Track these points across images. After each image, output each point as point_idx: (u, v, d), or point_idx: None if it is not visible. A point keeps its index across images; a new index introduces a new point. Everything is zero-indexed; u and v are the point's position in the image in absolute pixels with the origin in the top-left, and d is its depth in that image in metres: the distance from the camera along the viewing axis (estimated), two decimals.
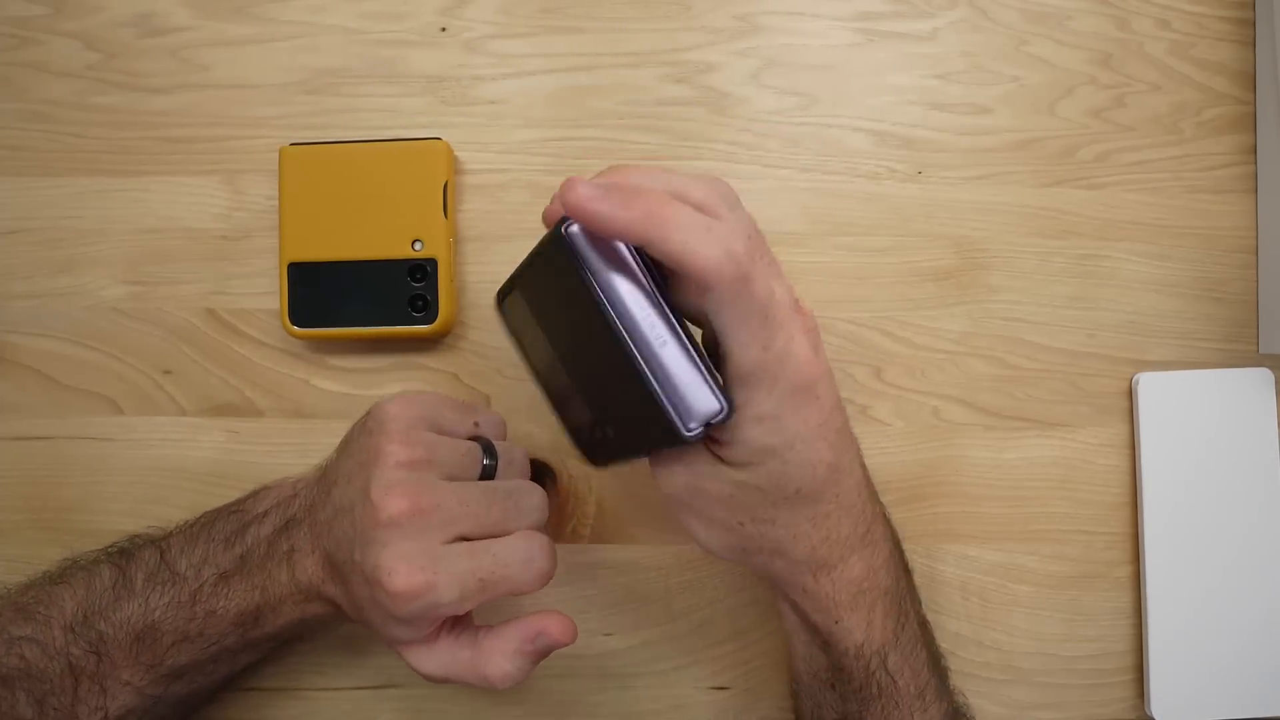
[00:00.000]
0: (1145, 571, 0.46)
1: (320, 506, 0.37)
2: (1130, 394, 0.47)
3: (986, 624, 0.46)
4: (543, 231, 0.33)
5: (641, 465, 0.47)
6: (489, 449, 0.38)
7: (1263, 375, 0.46)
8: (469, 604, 0.34)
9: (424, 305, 0.44)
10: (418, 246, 0.44)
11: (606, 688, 0.46)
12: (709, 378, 0.31)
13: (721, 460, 0.33)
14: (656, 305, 0.31)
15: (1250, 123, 0.48)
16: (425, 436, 0.36)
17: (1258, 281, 0.47)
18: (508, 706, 0.46)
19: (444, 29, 0.47)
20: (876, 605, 0.36)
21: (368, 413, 0.37)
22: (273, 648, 0.41)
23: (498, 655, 0.36)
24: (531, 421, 0.46)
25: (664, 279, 0.32)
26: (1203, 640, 0.45)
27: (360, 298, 0.44)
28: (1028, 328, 0.47)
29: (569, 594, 0.46)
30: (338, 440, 0.46)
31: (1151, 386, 0.46)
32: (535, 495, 0.37)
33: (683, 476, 0.34)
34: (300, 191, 0.44)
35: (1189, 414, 0.46)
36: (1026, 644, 0.46)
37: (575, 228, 0.31)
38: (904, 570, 0.39)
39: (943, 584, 0.46)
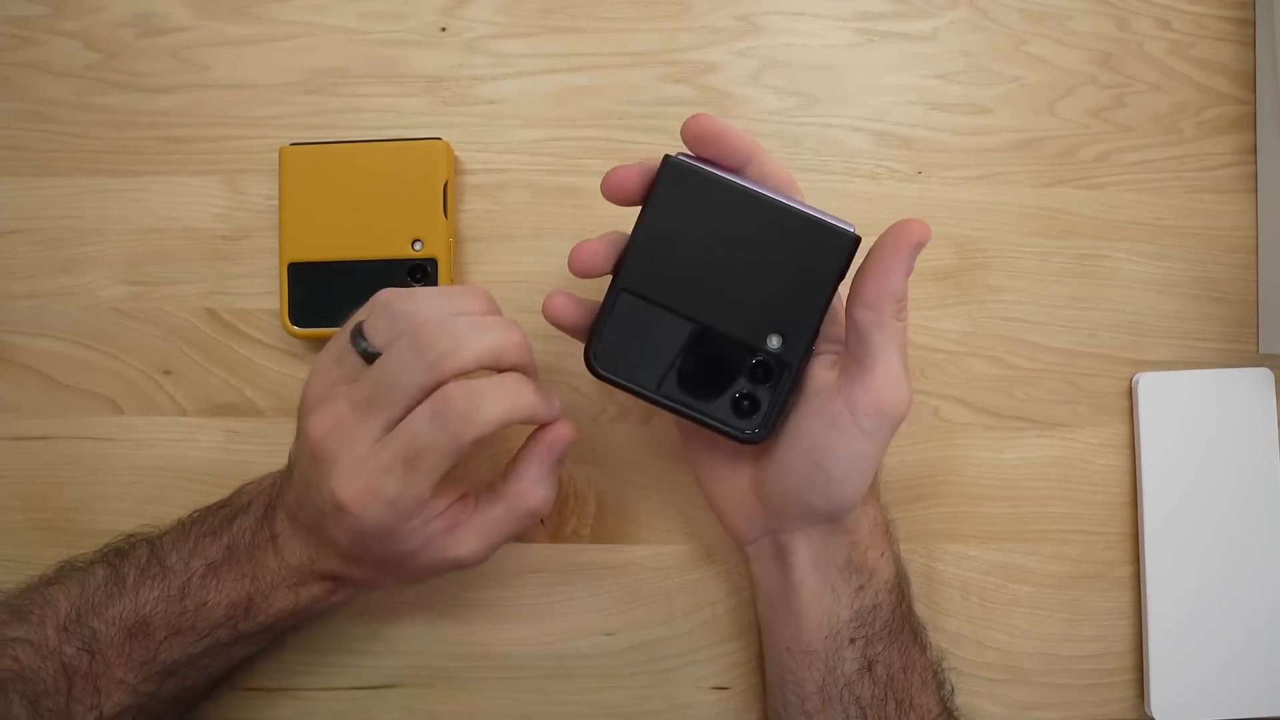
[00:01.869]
0: (1145, 571, 0.46)
1: (288, 488, 0.38)
2: (1130, 394, 0.47)
3: (986, 624, 0.46)
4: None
5: (642, 461, 0.47)
6: (355, 332, 0.36)
7: (1263, 375, 0.46)
8: (420, 484, 0.34)
9: None
10: (418, 246, 0.44)
11: (606, 688, 0.46)
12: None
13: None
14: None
15: (1250, 123, 0.48)
16: (324, 370, 0.37)
17: (1258, 281, 0.47)
18: (507, 706, 0.46)
19: (444, 29, 0.47)
20: (896, 543, 0.41)
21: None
22: (267, 640, 0.41)
23: (529, 488, 0.38)
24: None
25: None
26: (1203, 640, 0.45)
27: (360, 298, 0.44)
28: (1028, 328, 0.47)
29: (569, 594, 0.46)
30: None
31: (1151, 386, 0.46)
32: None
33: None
34: (300, 191, 0.44)
35: (1189, 414, 0.46)
36: (1026, 644, 0.46)
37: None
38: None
39: (942, 584, 0.46)
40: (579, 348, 0.46)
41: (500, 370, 0.36)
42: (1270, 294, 0.47)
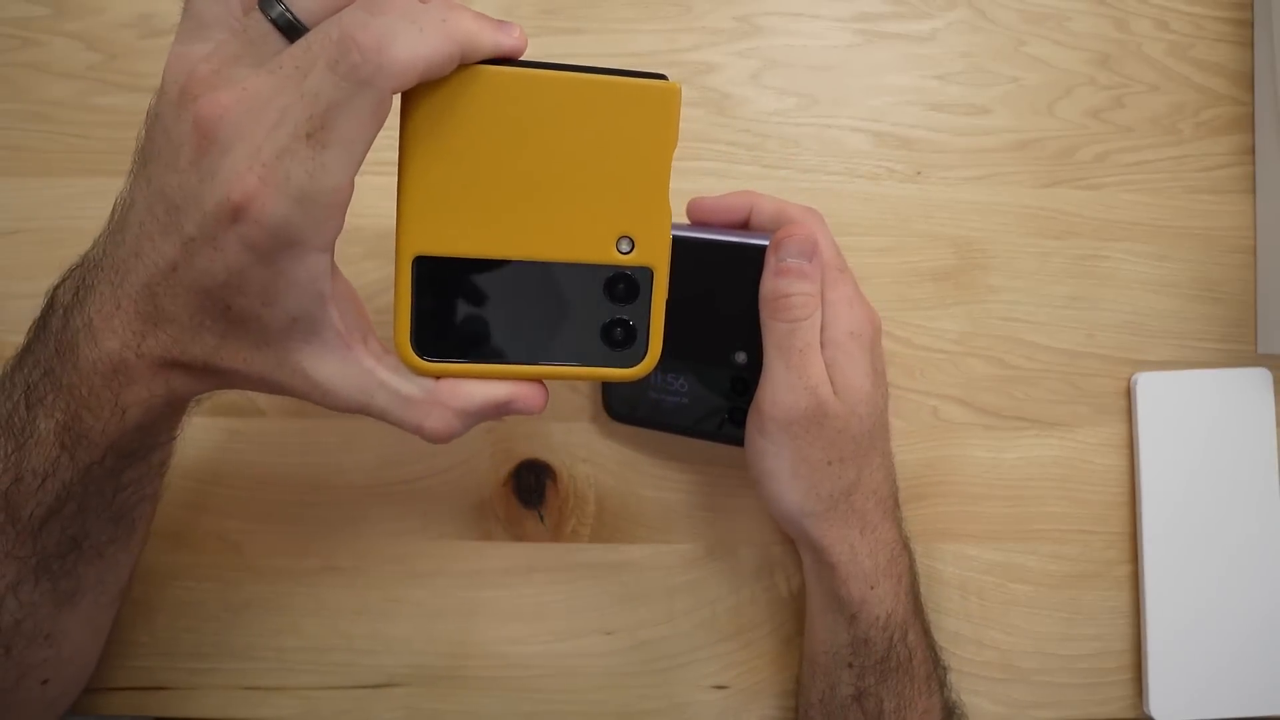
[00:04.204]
0: (1144, 571, 0.46)
1: (117, 243, 0.30)
2: (1129, 394, 0.47)
3: (985, 623, 0.46)
4: None
5: (642, 461, 0.47)
6: None
7: (1261, 375, 0.46)
8: (332, 168, 0.26)
9: (627, 337, 0.31)
10: (625, 248, 0.30)
11: (606, 687, 0.46)
12: None
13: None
14: None
15: (1249, 123, 0.48)
16: (214, 39, 0.28)
17: (1256, 281, 0.47)
18: (507, 706, 0.46)
19: None
20: (903, 579, 0.40)
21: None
22: (139, 473, 0.34)
23: (443, 398, 0.29)
24: (532, 422, 0.46)
25: None
26: (1202, 640, 0.45)
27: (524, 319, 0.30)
28: (1027, 328, 0.47)
29: (569, 594, 0.46)
30: (338, 439, 0.46)
31: (1150, 386, 0.46)
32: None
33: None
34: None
35: (1188, 414, 0.46)
36: (1025, 643, 0.46)
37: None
38: (915, 563, 0.42)
39: (942, 583, 0.46)
40: None
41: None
42: (1269, 294, 0.47)
